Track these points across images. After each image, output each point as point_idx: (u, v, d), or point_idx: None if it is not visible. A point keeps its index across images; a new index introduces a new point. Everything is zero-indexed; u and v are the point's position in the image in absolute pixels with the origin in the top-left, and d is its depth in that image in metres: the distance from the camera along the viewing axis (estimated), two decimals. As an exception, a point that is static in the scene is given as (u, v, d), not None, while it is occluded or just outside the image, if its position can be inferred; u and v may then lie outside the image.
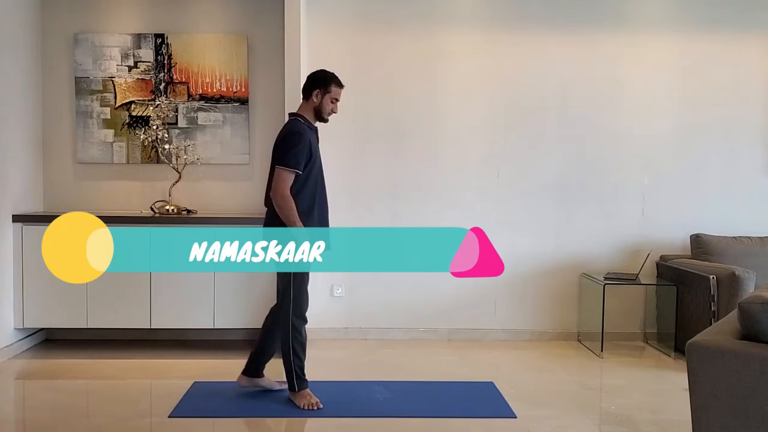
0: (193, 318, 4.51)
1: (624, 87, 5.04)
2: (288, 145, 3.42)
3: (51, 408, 3.50)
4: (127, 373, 4.11)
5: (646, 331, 5.11)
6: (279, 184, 3.40)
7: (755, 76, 5.07)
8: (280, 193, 3.39)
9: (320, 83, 3.55)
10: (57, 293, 4.46)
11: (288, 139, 3.44)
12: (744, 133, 5.10)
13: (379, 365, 4.35)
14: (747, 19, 5.03)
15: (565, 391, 3.91)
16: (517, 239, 5.04)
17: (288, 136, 3.45)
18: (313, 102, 3.56)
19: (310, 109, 3.57)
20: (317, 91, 3.54)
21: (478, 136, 5.02)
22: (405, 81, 4.98)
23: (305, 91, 3.59)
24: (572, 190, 5.06)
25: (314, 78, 3.59)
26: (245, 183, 4.97)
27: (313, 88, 3.56)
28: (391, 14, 4.96)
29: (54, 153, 4.92)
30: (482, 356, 4.62)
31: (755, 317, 2.32)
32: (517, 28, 4.99)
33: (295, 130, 3.46)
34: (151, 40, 4.87)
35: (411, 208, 5.01)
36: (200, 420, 3.35)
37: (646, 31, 5.02)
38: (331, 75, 3.59)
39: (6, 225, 4.39)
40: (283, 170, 3.40)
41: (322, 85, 3.55)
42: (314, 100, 3.55)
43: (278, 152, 3.44)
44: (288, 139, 3.44)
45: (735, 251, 4.73)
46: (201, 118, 4.90)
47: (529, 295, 5.07)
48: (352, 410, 3.48)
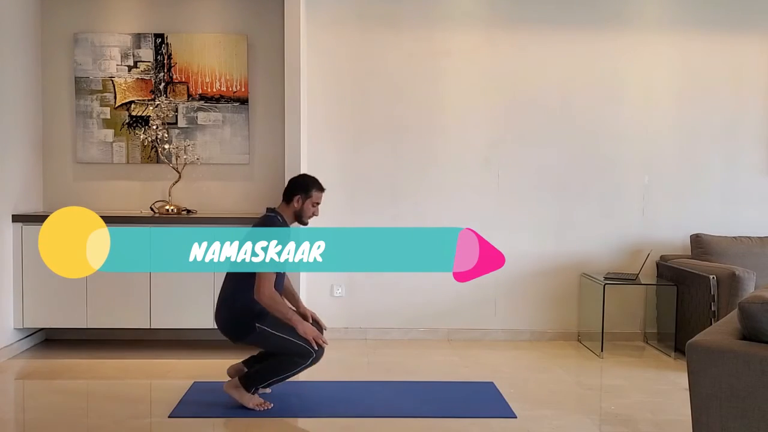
0: (193, 318, 4.51)
1: (624, 87, 5.04)
2: None
3: (51, 408, 3.50)
4: (127, 373, 4.11)
5: (646, 331, 5.11)
6: (263, 286, 3.32)
7: (755, 75, 5.07)
8: (268, 295, 3.34)
9: (302, 189, 3.55)
10: (57, 293, 4.45)
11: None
12: (744, 133, 5.10)
13: (379, 365, 4.35)
14: (747, 19, 5.03)
15: (565, 391, 3.91)
16: (517, 239, 5.04)
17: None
18: (294, 206, 3.55)
19: (291, 212, 3.56)
20: (298, 197, 3.54)
21: (478, 136, 5.02)
22: (405, 81, 4.98)
23: (286, 195, 3.58)
24: (572, 190, 5.06)
25: (295, 183, 3.59)
26: (245, 183, 4.97)
27: (295, 193, 3.55)
28: (391, 14, 4.95)
29: (54, 153, 4.91)
30: (482, 356, 4.62)
31: (755, 317, 2.32)
32: (517, 28, 4.99)
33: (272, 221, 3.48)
34: (151, 40, 4.87)
35: (411, 208, 5.01)
36: (200, 420, 3.34)
37: (646, 31, 5.02)
38: (312, 180, 3.61)
39: (6, 225, 4.39)
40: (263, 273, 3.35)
41: (303, 191, 3.55)
42: (295, 204, 3.55)
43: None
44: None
45: (735, 251, 4.73)
46: (201, 117, 4.90)
47: (529, 295, 5.07)
48: (352, 410, 3.48)
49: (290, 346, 3.38)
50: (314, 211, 3.61)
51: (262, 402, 3.47)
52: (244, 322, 3.41)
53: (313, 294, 4.93)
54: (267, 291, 3.34)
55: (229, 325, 3.46)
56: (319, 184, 3.62)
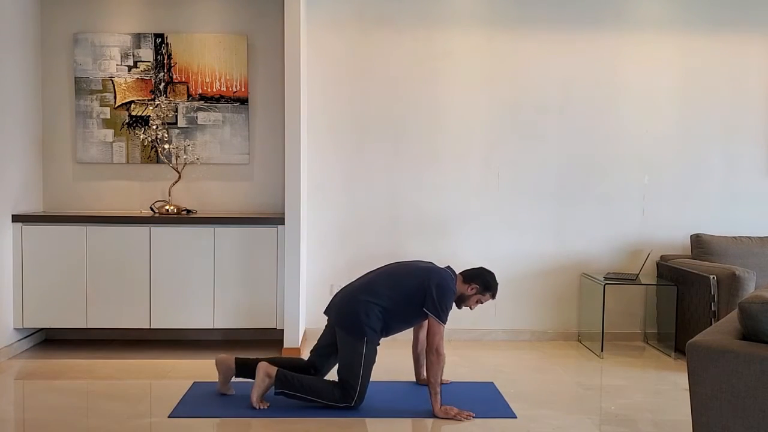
0: (193, 318, 4.51)
1: (624, 87, 5.04)
2: (447, 301, 3.47)
3: (51, 408, 3.50)
4: (127, 373, 4.11)
5: (646, 331, 5.11)
6: (440, 338, 3.42)
7: (755, 76, 5.07)
8: (440, 351, 3.42)
9: (483, 284, 3.63)
10: (57, 293, 4.46)
11: (448, 295, 3.49)
12: (744, 133, 5.10)
13: (379, 365, 4.33)
14: (747, 19, 5.03)
15: (565, 391, 3.91)
16: (517, 239, 5.04)
17: (449, 292, 3.50)
18: (465, 290, 3.61)
19: (460, 291, 3.60)
20: (475, 287, 3.61)
21: (479, 136, 5.02)
22: (405, 81, 4.98)
23: (467, 276, 3.64)
24: (572, 190, 5.06)
25: (482, 275, 3.64)
26: (245, 183, 4.97)
27: (475, 281, 3.62)
28: (391, 14, 4.95)
29: (54, 153, 4.91)
30: (482, 356, 4.62)
31: (755, 317, 2.32)
32: (517, 28, 4.99)
33: (452, 288, 3.53)
34: (151, 40, 4.87)
35: (411, 208, 5.01)
36: (200, 420, 3.34)
37: (646, 31, 5.02)
38: (495, 284, 3.67)
39: (6, 225, 4.39)
40: (440, 325, 3.44)
41: (483, 286, 3.63)
42: (468, 290, 3.61)
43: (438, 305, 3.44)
44: (448, 295, 3.49)
45: (735, 251, 4.73)
46: (201, 117, 4.90)
47: (529, 295, 5.07)
48: (352, 410, 3.47)
49: (350, 379, 3.42)
50: (474, 306, 3.68)
51: (263, 401, 3.48)
52: (361, 325, 3.44)
53: (313, 294, 4.93)
54: (441, 346, 3.43)
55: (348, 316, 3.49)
56: (496, 292, 3.68)
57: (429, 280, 3.49)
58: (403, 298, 3.50)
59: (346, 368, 3.47)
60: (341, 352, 3.53)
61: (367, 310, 3.47)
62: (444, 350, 3.45)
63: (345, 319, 3.51)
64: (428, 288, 3.46)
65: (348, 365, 3.46)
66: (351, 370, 3.44)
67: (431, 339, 3.43)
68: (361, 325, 3.45)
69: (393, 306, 3.49)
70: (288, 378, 3.45)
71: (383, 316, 3.48)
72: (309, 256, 4.94)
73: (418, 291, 3.48)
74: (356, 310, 3.47)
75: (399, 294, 3.50)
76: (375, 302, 3.48)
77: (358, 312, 3.46)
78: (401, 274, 3.61)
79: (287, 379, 3.45)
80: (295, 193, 4.46)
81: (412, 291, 3.49)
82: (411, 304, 3.50)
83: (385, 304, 3.48)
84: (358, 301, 3.50)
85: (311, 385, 3.47)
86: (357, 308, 3.48)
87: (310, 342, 4.88)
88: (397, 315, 3.52)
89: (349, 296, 3.57)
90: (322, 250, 5.00)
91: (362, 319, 3.45)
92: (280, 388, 3.44)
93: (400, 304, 3.50)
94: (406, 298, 3.50)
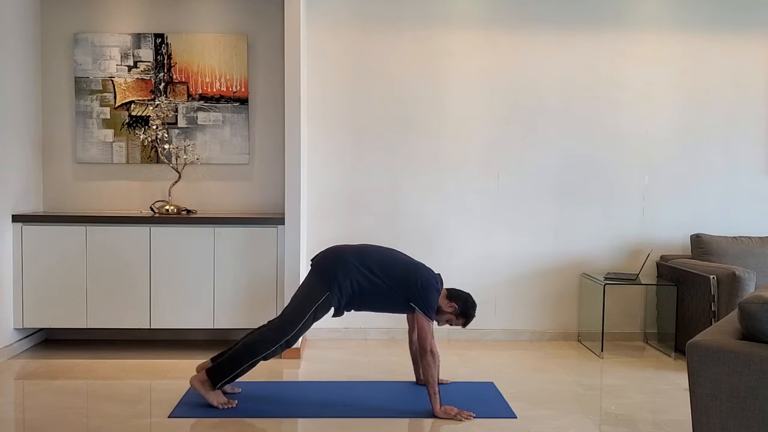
0: (193, 318, 4.51)
1: (624, 87, 5.04)
2: (432, 300, 3.50)
3: (50, 408, 3.49)
4: (127, 374, 4.11)
5: (646, 331, 5.11)
6: (430, 336, 3.43)
7: (755, 75, 5.07)
8: (432, 351, 3.42)
9: (462, 306, 3.63)
10: (57, 293, 4.46)
11: (432, 295, 3.51)
12: (744, 133, 5.10)
13: (379, 365, 4.35)
14: (747, 19, 5.03)
15: (565, 391, 3.91)
16: (517, 239, 5.04)
17: (433, 291, 3.52)
18: (445, 306, 3.59)
19: (442, 302, 3.60)
20: (455, 307, 3.60)
21: (479, 137, 5.02)
22: (405, 81, 4.98)
23: (453, 294, 3.64)
24: (572, 190, 5.06)
25: (464, 299, 3.65)
26: (245, 183, 4.97)
27: (456, 301, 3.61)
28: (392, 14, 4.95)
29: (54, 153, 4.91)
30: (482, 356, 4.62)
31: (755, 317, 2.32)
32: (517, 28, 4.99)
33: (437, 289, 3.56)
34: (151, 40, 4.87)
35: (411, 208, 5.01)
36: (200, 420, 3.34)
37: (646, 30, 5.02)
38: (472, 313, 3.67)
39: (6, 225, 4.39)
40: (429, 322, 3.46)
41: (462, 309, 3.63)
42: (447, 307, 3.60)
43: (424, 300, 3.47)
44: (432, 295, 3.51)
45: (735, 251, 4.73)
46: (201, 117, 4.90)
47: (529, 295, 5.07)
48: (351, 410, 3.48)
49: (294, 318, 3.43)
50: (442, 324, 3.67)
51: (227, 401, 3.47)
52: (334, 279, 3.46)
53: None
54: (433, 346, 3.42)
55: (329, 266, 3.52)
56: (469, 322, 3.69)
57: (416, 274, 3.51)
58: (387, 282, 3.50)
59: (294, 306, 3.49)
60: (299, 290, 3.58)
61: (347, 273, 3.49)
62: (437, 348, 3.45)
63: (324, 267, 3.54)
64: (414, 282, 3.48)
65: (298, 304, 3.48)
66: (299, 309, 3.46)
67: (422, 341, 3.43)
68: (334, 278, 3.47)
69: (372, 284, 3.49)
70: (217, 369, 3.44)
71: (358, 288, 3.49)
72: (309, 256, 4.93)
73: (403, 281, 3.49)
74: (337, 267, 3.50)
75: (385, 276, 3.51)
76: (359, 271, 3.49)
77: (337, 270, 3.49)
78: (393, 259, 3.63)
79: (218, 370, 3.44)
80: (295, 193, 4.46)
81: (397, 279, 3.50)
82: (391, 291, 3.50)
83: (366, 278, 3.49)
84: (345, 261, 3.52)
85: (241, 352, 3.44)
86: (339, 266, 3.50)
87: (310, 342, 4.89)
88: (372, 293, 3.51)
89: (339, 253, 3.60)
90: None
91: (339, 277, 3.47)
92: (218, 381, 3.44)
93: (380, 285, 3.50)
94: (389, 282, 3.50)
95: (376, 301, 3.58)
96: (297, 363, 4.40)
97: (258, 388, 3.81)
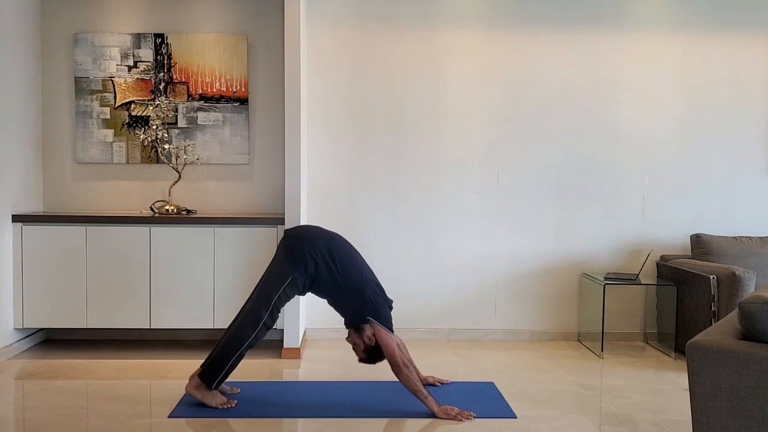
0: (193, 318, 4.51)
1: (624, 86, 5.04)
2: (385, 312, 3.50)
3: (50, 408, 3.49)
4: (127, 374, 4.11)
5: (646, 331, 5.11)
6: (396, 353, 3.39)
7: (755, 75, 5.07)
8: (404, 363, 3.38)
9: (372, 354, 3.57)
10: (57, 293, 4.46)
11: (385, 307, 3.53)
12: (744, 133, 5.10)
13: (379, 365, 4.34)
14: (747, 18, 5.03)
15: (565, 391, 3.91)
16: (517, 239, 5.04)
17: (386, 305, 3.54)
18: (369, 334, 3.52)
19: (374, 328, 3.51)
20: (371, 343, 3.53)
21: (479, 136, 5.02)
22: (405, 81, 4.98)
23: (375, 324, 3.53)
24: (572, 190, 5.06)
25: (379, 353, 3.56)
26: (245, 183, 4.97)
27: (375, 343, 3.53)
28: (391, 14, 4.95)
29: (53, 153, 4.91)
30: (482, 356, 4.62)
31: (755, 317, 2.32)
32: (517, 28, 4.99)
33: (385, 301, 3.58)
34: (151, 40, 4.87)
35: (411, 208, 5.01)
36: (199, 420, 3.34)
37: (646, 30, 5.02)
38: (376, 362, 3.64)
39: (6, 225, 4.39)
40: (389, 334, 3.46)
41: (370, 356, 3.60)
42: (368, 333, 3.52)
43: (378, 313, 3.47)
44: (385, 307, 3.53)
45: (735, 251, 4.73)
46: (201, 117, 4.90)
47: (529, 295, 5.07)
48: (351, 410, 3.48)
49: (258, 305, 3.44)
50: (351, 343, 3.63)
51: (226, 401, 3.47)
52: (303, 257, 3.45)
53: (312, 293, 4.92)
54: (403, 357, 3.40)
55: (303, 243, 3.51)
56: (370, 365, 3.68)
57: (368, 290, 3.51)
58: (343, 282, 3.49)
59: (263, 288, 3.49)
60: (268, 270, 3.56)
61: (315, 256, 3.48)
62: (407, 356, 3.45)
63: (292, 247, 3.52)
64: (367, 297, 3.48)
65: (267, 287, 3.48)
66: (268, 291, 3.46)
67: (391, 357, 3.39)
68: (302, 259, 3.46)
69: (331, 275, 3.48)
70: (208, 370, 3.45)
71: (315, 272, 3.48)
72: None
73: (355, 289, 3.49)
74: (305, 249, 3.48)
75: (343, 272, 3.49)
76: (323, 258, 3.48)
77: (305, 251, 3.47)
78: (354, 261, 3.60)
79: (209, 371, 3.45)
80: (295, 193, 4.46)
81: (349, 283, 3.49)
82: (343, 291, 3.50)
83: (327, 267, 3.48)
84: (314, 244, 3.51)
85: (225, 347, 3.45)
86: (307, 248, 3.48)
87: (310, 342, 4.89)
88: (328, 284, 3.51)
89: (310, 236, 3.58)
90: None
91: (306, 259, 3.46)
92: (212, 381, 3.44)
93: (337, 280, 3.49)
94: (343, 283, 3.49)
95: (330, 294, 3.58)
96: (297, 363, 4.40)
97: (258, 388, 3.82)
